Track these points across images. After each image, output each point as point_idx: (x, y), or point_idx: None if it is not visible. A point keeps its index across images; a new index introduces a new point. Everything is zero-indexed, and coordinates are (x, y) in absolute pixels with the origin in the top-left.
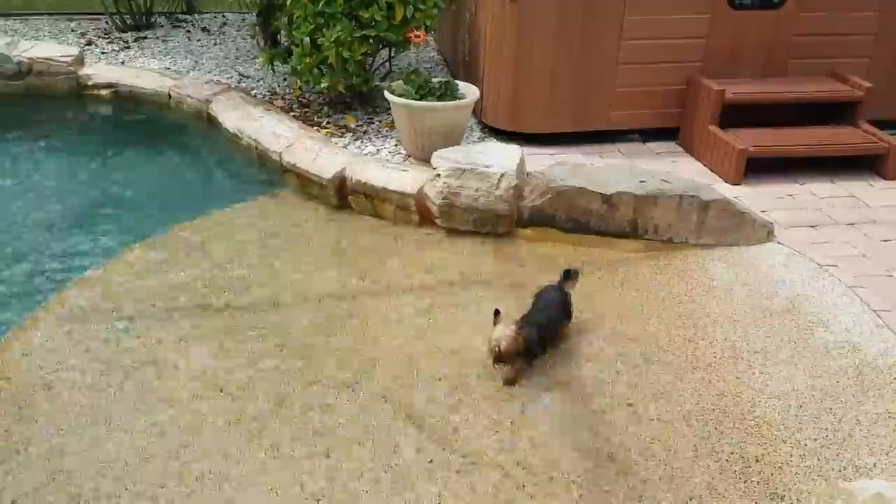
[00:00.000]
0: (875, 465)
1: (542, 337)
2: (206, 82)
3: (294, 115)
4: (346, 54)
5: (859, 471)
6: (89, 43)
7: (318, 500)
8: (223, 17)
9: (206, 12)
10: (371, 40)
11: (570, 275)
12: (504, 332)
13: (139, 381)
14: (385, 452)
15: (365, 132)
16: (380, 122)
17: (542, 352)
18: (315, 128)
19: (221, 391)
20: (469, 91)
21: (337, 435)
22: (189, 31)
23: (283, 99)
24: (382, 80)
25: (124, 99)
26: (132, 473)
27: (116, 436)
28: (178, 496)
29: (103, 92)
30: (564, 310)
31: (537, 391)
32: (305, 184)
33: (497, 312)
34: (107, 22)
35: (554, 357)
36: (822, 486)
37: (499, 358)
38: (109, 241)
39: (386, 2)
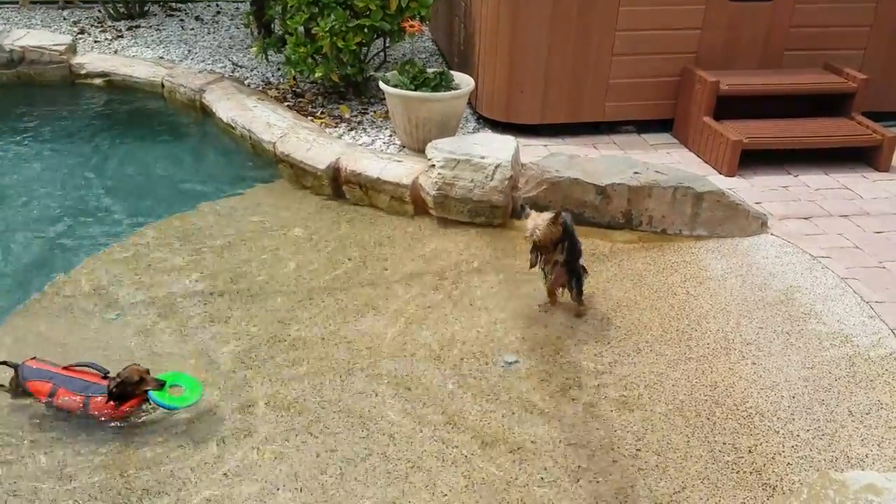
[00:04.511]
0: (867, 455)
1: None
2: (199, 72)
3: (288, 105)
4: (340, 44)
5: (851, 461)
6: (82, 32)
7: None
8: (217, 6)
9: (200, 1)
10: (366, 30)
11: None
12: (538, 221)
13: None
14: (381, 435)
15: (359, 122)
16: (374, 112)
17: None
18: (309, 118)
19: (220, 387)
20: (464, 81)
21: (335, 414)
22: (182, 21)
23: (276, 89)
24: (377, 70)
25: (117, 88)
26: None
27: None
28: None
29: (96, 81)
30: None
31: (530, 382)
32: (300, 174)
33: (523, 207)
34: (100, 11)
35: (547, 348)
36: (813, 476)
37: (535, 246)
38: (100, 232)
39: None
